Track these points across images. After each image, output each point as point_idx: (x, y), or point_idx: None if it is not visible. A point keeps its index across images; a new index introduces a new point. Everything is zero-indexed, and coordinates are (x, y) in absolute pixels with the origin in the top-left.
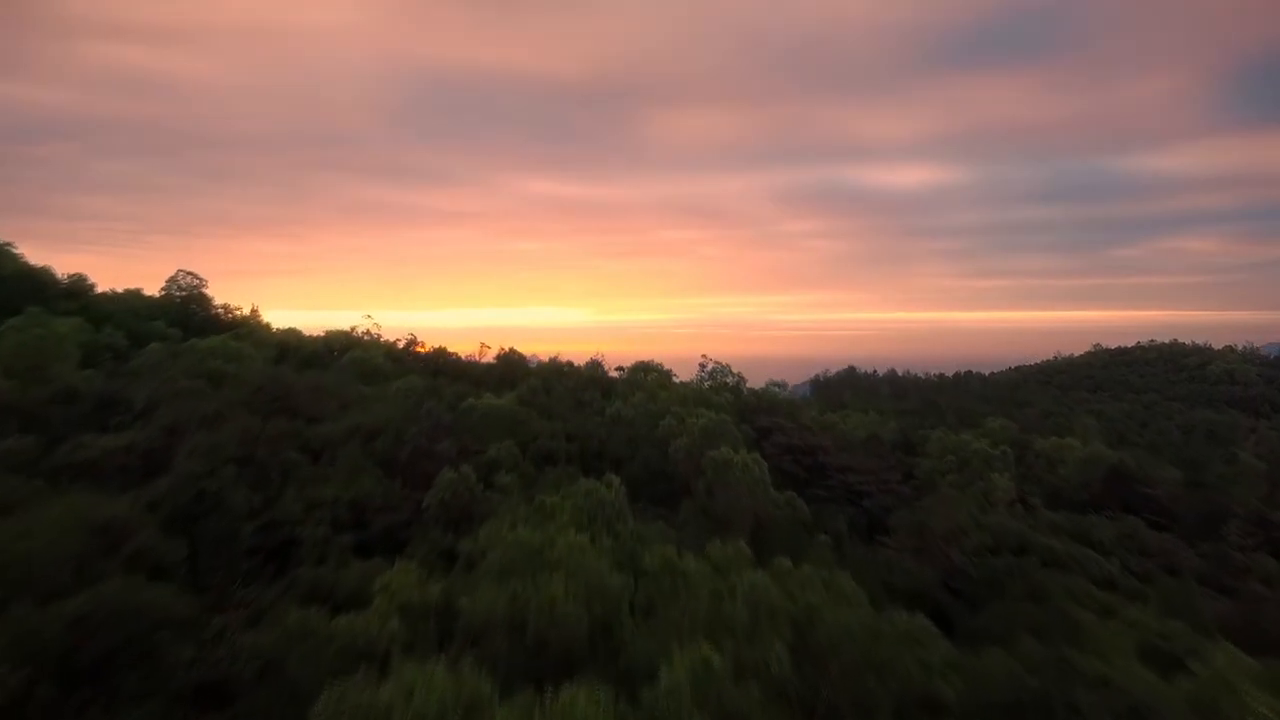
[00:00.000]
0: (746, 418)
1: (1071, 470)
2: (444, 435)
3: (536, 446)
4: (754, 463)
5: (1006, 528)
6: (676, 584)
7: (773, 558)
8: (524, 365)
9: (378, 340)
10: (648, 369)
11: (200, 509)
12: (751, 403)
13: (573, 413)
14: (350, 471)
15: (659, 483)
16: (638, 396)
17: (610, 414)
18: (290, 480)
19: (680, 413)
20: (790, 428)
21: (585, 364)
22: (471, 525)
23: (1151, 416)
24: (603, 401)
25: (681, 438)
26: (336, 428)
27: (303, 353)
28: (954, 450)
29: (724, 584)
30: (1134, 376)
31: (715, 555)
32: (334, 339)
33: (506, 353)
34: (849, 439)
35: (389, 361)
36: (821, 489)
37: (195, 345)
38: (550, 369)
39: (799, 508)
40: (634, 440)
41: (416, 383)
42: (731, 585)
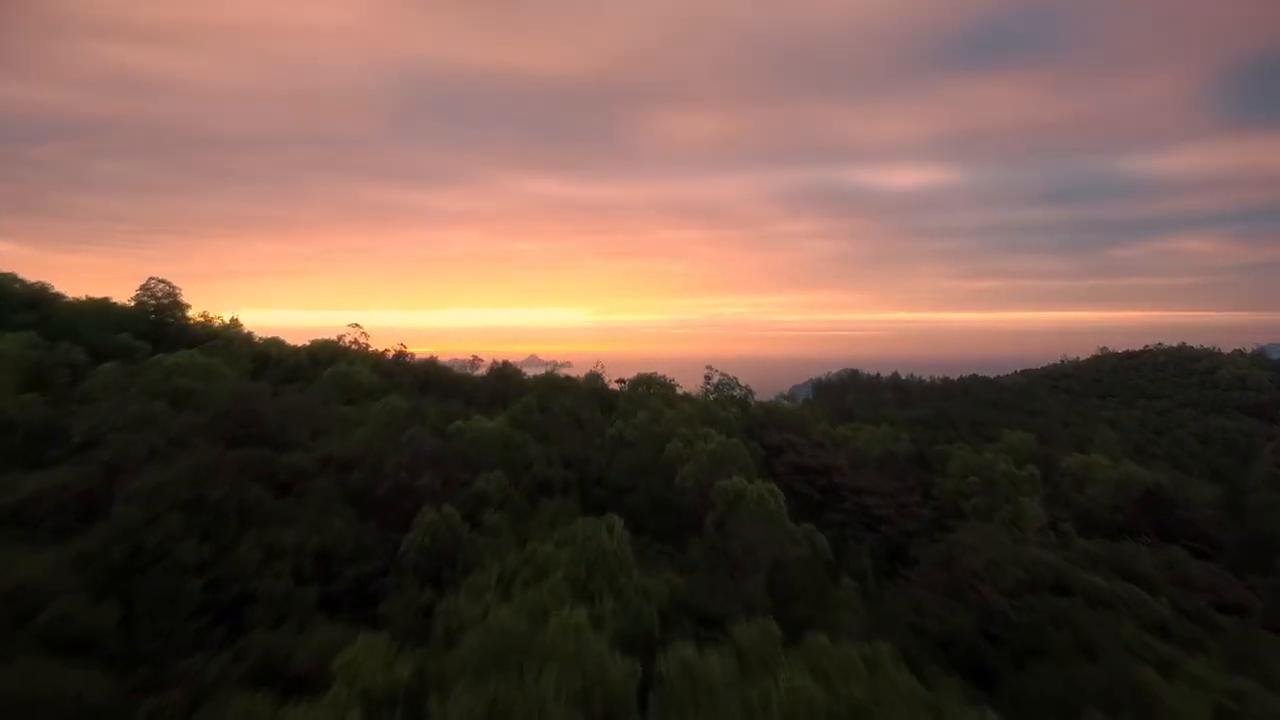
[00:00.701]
0: (755, 434)
1: (1101, 491)
2: (426, 467)
3: (531, 475)
4: (769, 494)
5: (1044, 561)
6: (698, 693)
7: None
8: (518, 379)
9: (365, 350)
10: (650, 382)
11: (138, 564)
12: (760, 418)
13: (570, 434)
14: (320, 510)
15: (665, 515)
16: (640, 416)
17: (611, 435)
18: (249, 524)
19: (687, 434)
20: (802, 445)
21: (584, 376)
22: (455, 573)
23: (1165, 424)
24: (603, 419)
25: (689, 464)
26: (308, 458)
27: (284, 365)
28: (977, 471)
29: (756, 690)
30: (1143, 381)
31: (742, 640)
32: (319, 349)
33: (500, 366)
34: (863, 456)
35: (376, 375)
36: (837, 513)
37: (161, 362)
38: (546, 383)
39: (819, 543)
40: (637, 467)
41: (399, 404)
42: (765, 693)
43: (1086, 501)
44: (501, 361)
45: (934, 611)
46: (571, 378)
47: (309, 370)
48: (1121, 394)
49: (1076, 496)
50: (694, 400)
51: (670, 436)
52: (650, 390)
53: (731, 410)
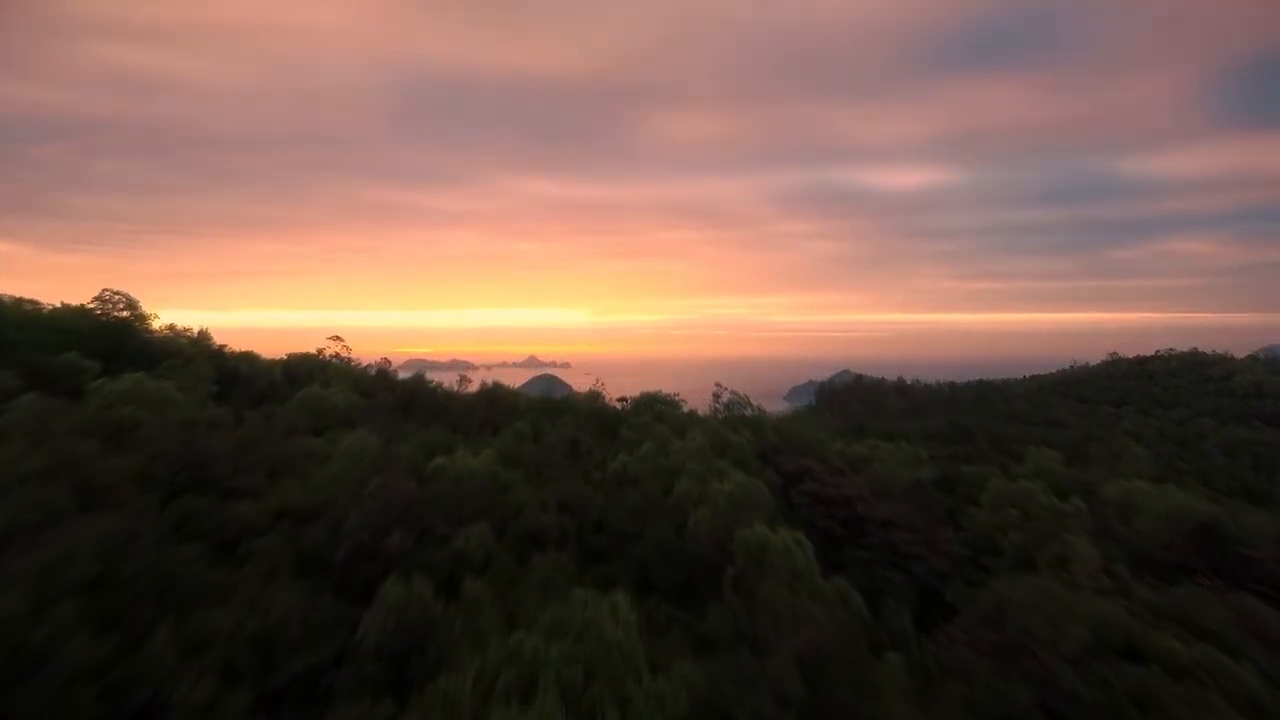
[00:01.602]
0: (769, 459)
1: (1149, 524)
2: (396, 522)
3: (521, 524)
4: (795, 544)
5: (1110, 619)
6: None
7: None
8: (510, 400)
9: (347, 364)
10: (655, 402)
11: (15, 672)
12: (774, 441)
13: (567, 468)
14: (265, 580)
15: (676, 568)
16: (646, 447)
17: (613, 470)
18: (170, 605)
19: (698, 470)
20: (821, 472)
21: (584, 394)
22: (424, 665)
23: (1185, 435)
24: (604, 448)
25: (702, 507)
26: (259, 508)
27: (256, 385)
28: (1015, 501)
29: None
30: (1157, 389)
31: None
32: (296, 364)
33: (490, 387)
34: (885, 482)
35: (357, 393)
36: (862, 549)
37: (102, 389)
38: (541, 406)
39: (853, 604)
40: (643, 510)
41: (369, 442)
42: None
43: (1132, 535)
44: (493, 382)
45: (987, 683)
46: (569, 398)
47: (283, 389)
48: (1135, 401)
49: (1122, 530)
50: (704, 422)
51: (680, 472)
52: (656, 413)
53: (744, 434)
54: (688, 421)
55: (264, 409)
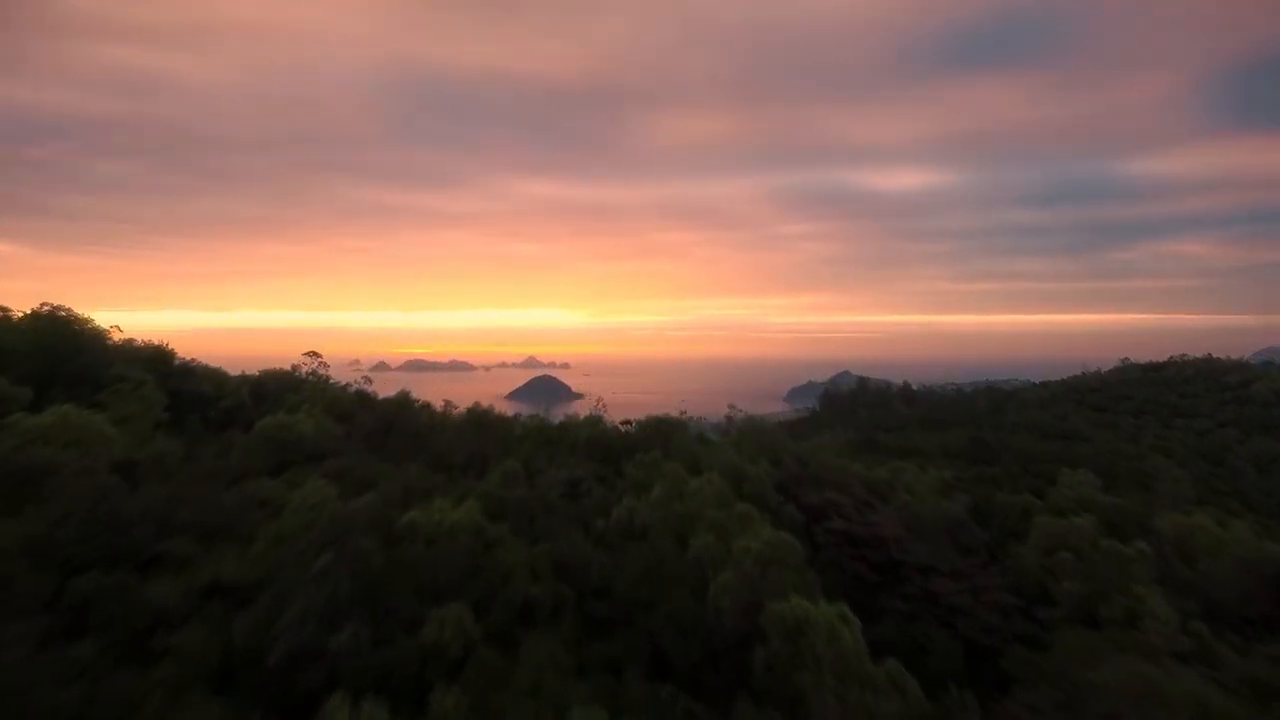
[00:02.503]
0: (789, 491)
1: (1219, 568)
2: (349, 611)
3: (508, 594)
4: (841, 621)
5: (1210, 704)
6: None
7: None
8: (503, 428)
9: (324, 382)
10: (664, 426)
11: None
12: (794, 470)
13: (564, 515)
14: (176, 693)
15: (694, 646)
16: (656, 492)
17: (618, 519)
18: None
19: (718, 519)
20: (846, 506)
21: (583, 419)
22: None
23: (1209, 447)
24: (606, 488)
25: (725, 571)
26: (185, 586)
27: (219, 408)
28: (1067, 541)
29: None
30: (1174, 396)
31: None
32: (267, 382)
33: (479, 413)
34: (918, 514)
35: (331, 419)
36: (898, 599)
37: (19, 424)
38: (536, 434)
39: (910, 692)
40: (654, 571)
41: (325, 496)
42: None
43: (1201, 581)
44: (483, 408)
45: None
46: (567, 423)
47: (249, 413)
48: (1152, 410)
49: (1189, 575)
50: (718, 450)
51: (697, 520)
52: (664, 438)
53: (761, 463)
54: (701, 451)
55: (225, 438)
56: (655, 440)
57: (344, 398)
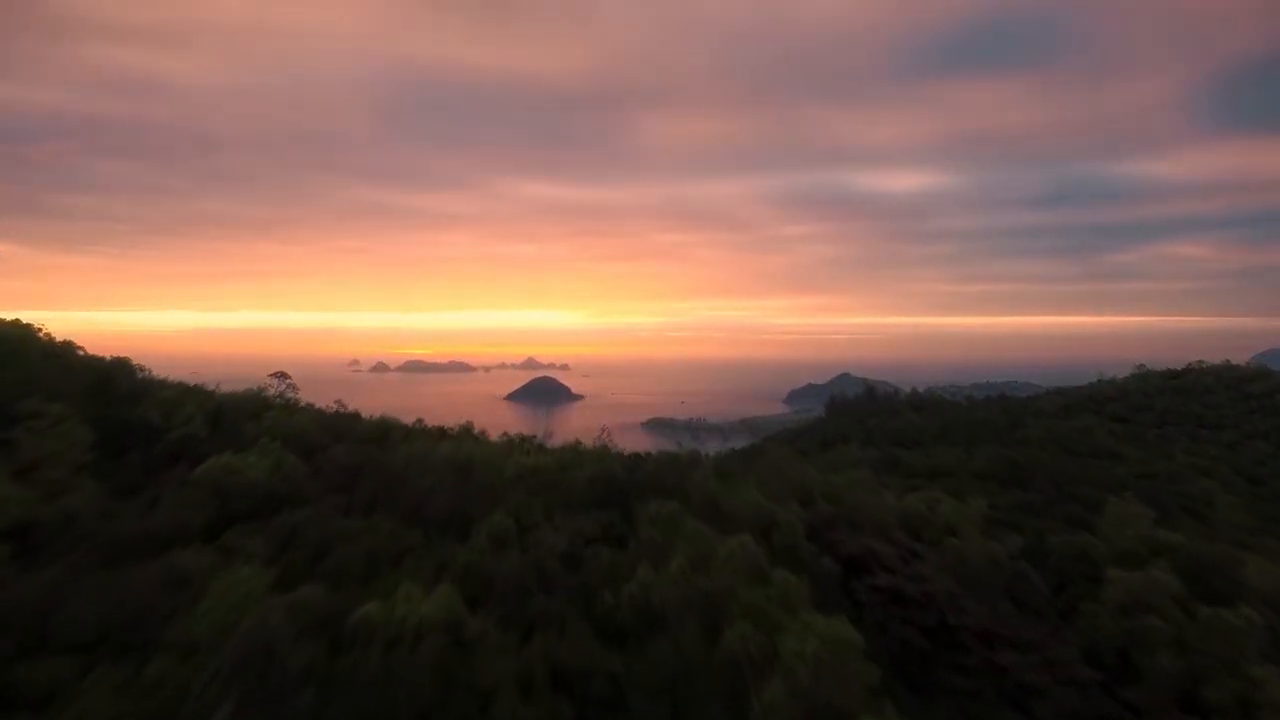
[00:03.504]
0: (821, 539)
1: None
2: None
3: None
4: None
5: None
6: None
7: None
8: (491, 471)
9: (294, 406)
10: (680, 464)
11: None
12: (826, 512)
13: (563, 590)
14: None
15: None
16: (677, 561)
17: (630, 599)
18: None
19: (756, 603)
20: (889, 557)
21: (589, 451)
22: None
23: (1242, 463)
24: (614, 549)
25: (772, 682)
26: None
27: (168, 439)
28: (1150, 603)
29: None
30: (1197, 406)
31: None
32: (229, 407)
33: (464, 455)
34: (966, 561)
35: (295, 456)
36: (958, 673)
37: None
38: (531, 479)
39: None
40: (679, 678)
41: (255, 585)
42: None
43: None
44: (466, 451)
45: None
46: (567, 462)
47: (203, 446)
48: (1176, 421)
49: None
50: (741, 489)
51: (728, 599)
52: (681, 484)
53: (790, 507)
54: (721, 491)
55: (168, 478)
56: (669, 478)
57: (311, 428)
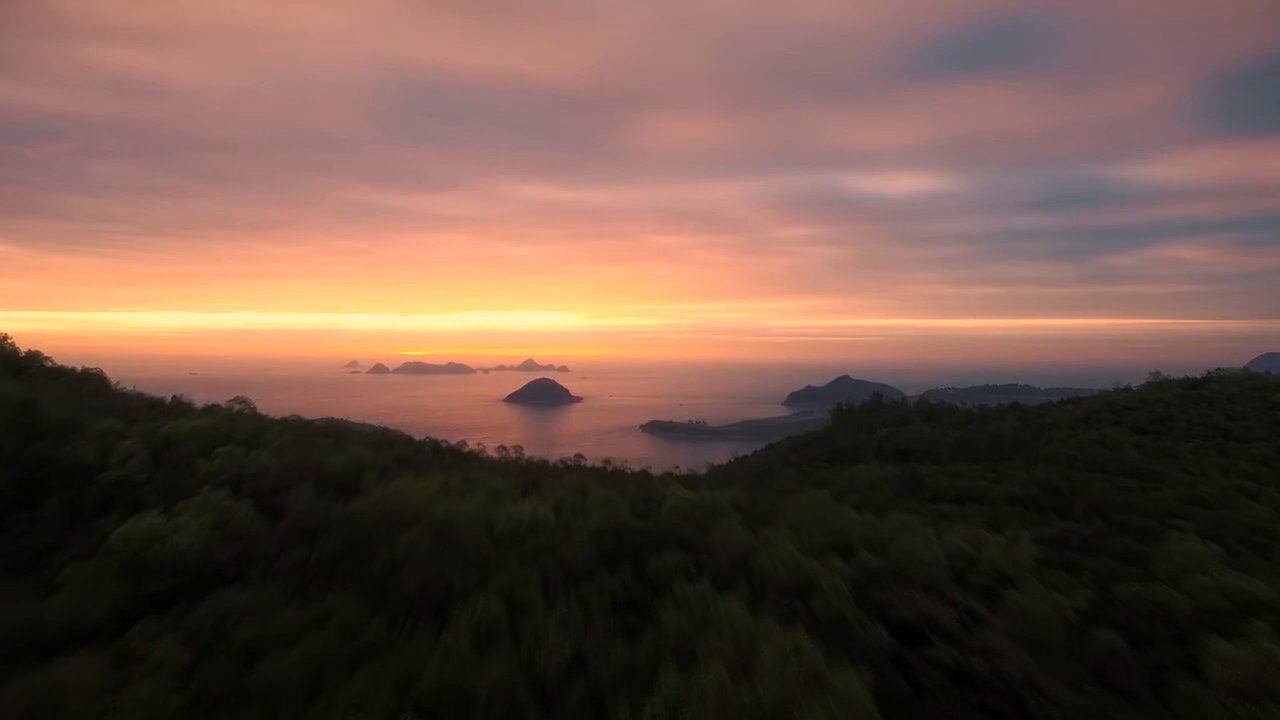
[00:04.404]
0: (867, 599)
1: None
2: None
3: None
4: None
5: None
6: None
7: None
8: (473, 540)
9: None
10: (704, 514)
11: None
12: (872, 567)
13: (568, 711)
14: None
15: None
16: (713, 672)
17: (659, 715)
18: None
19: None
20: (949, 623)
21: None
22: None
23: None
24: (630, 644)
25: None
26: None
27: (101, 483)
28: (1271, 689)
29: None
30: (1221, 418)
31: None
32: (180, 440)
33: (443, 519)
34: (1033, 621)
35: (249, 501)
36: None
37: None
38: (525, 543)
39: None
40: None
41: None
42: None
43: None
44: (444, 522)
45: None
46: (566, 511)
47: (139, 493)
48: (1202, 433)
49: None
50: (777, 544)
51: None
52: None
53: (833, 565)
54: (751, 544)
55: (87, 537)
56: (688, 527)
57: (274, 466)
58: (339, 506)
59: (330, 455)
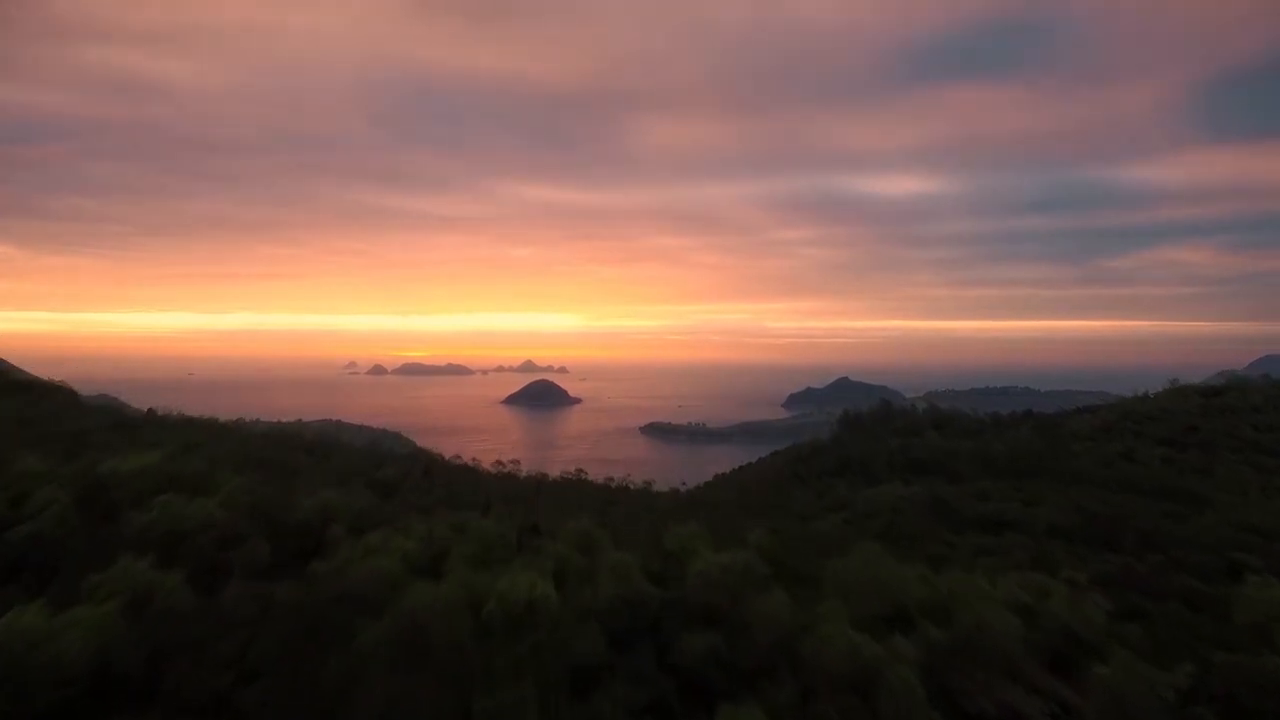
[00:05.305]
0: (939, 693)
1: None
2: None
3: None
4: None
5: None
6: None
7: None
8: (460, 625)
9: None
10: (736, 586)
11: None
12: (939, 645)
13: None
14: None
15: None
16: None
17: None
18: None
19: None
20: (1039, 717)
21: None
22: None
23: None
24: None
25: None
26: None
27: (16, 538)
28: None
29: None
30: (1249, 430)
31: None
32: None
33: (411, 613)
34: (1127, 705)
35: (184, 570)
36: None
37: None
38: (524, 625)
39: None
40: None
41: None
42: None
43: None
44: (415, 619)
45: None
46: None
47: (64, 545)
48: (1231, 446)
49: None
50: (832, 622)
51: None
52: (743, 620)
53: (896, 647)
54: (796, 621)
55: None
56: (722, 605)
57: (221, 517)
58: (285, 588)
59: (291, 506)
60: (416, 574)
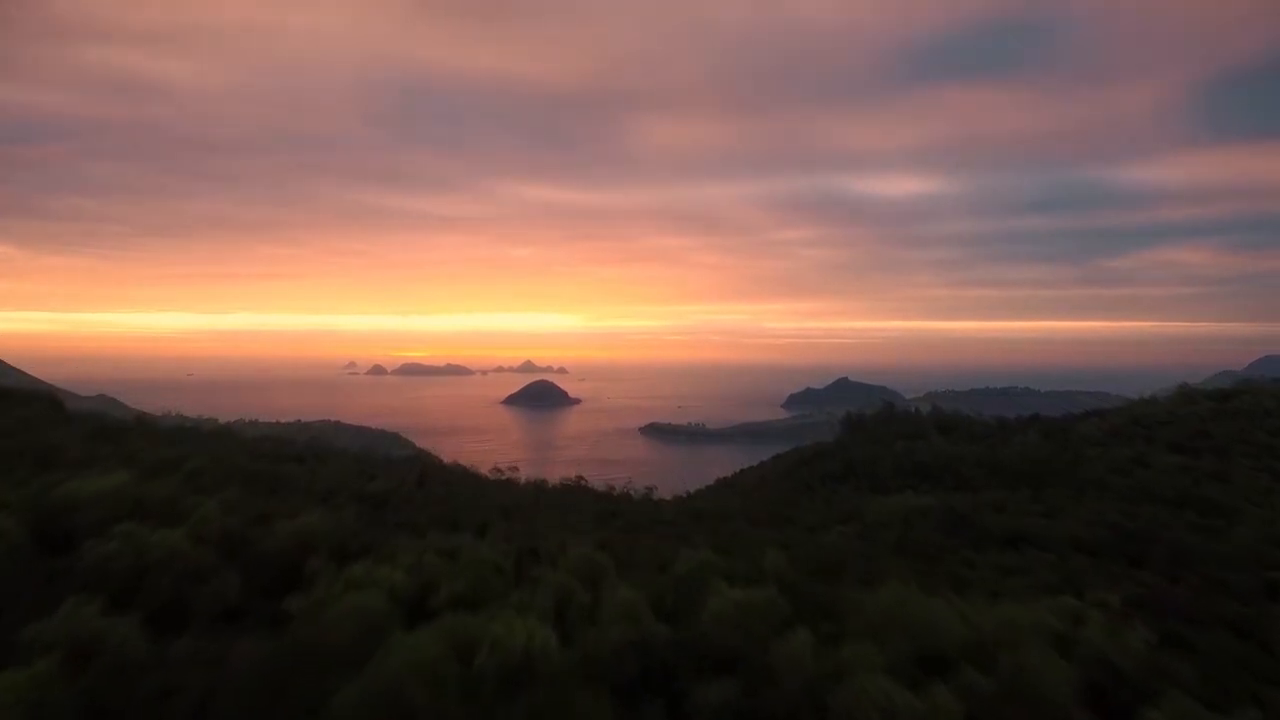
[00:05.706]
0: None
1: None
2: None
3: None
4: None
5: None
6: None
7: None
8: (448, 679)
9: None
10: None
11: None
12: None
13: None
14: None
15: None
16: None
17: None
18: None
19: None
20: None
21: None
22: None
23: None
24: None
25: None
26: None
27: None
28: None
29: None
30: (1263, 435)
31: None
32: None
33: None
34: None
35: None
36: None
37: None
38: (521, 681)
39: None
40: None
41: None
42: None
43: None
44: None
45: None
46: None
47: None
48: (1242, 451)
49: None
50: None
51: None
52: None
53: (935, 695)
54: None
55: None
56: (741, 648)
57: (188, 548)
58: (251, 637)
59: (267, 530)
60: (402, 610)
